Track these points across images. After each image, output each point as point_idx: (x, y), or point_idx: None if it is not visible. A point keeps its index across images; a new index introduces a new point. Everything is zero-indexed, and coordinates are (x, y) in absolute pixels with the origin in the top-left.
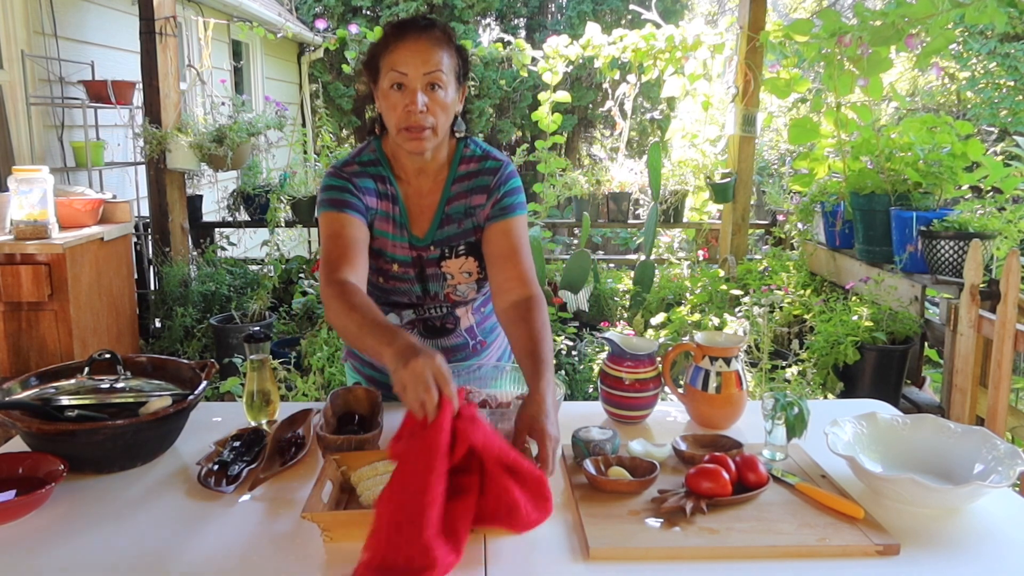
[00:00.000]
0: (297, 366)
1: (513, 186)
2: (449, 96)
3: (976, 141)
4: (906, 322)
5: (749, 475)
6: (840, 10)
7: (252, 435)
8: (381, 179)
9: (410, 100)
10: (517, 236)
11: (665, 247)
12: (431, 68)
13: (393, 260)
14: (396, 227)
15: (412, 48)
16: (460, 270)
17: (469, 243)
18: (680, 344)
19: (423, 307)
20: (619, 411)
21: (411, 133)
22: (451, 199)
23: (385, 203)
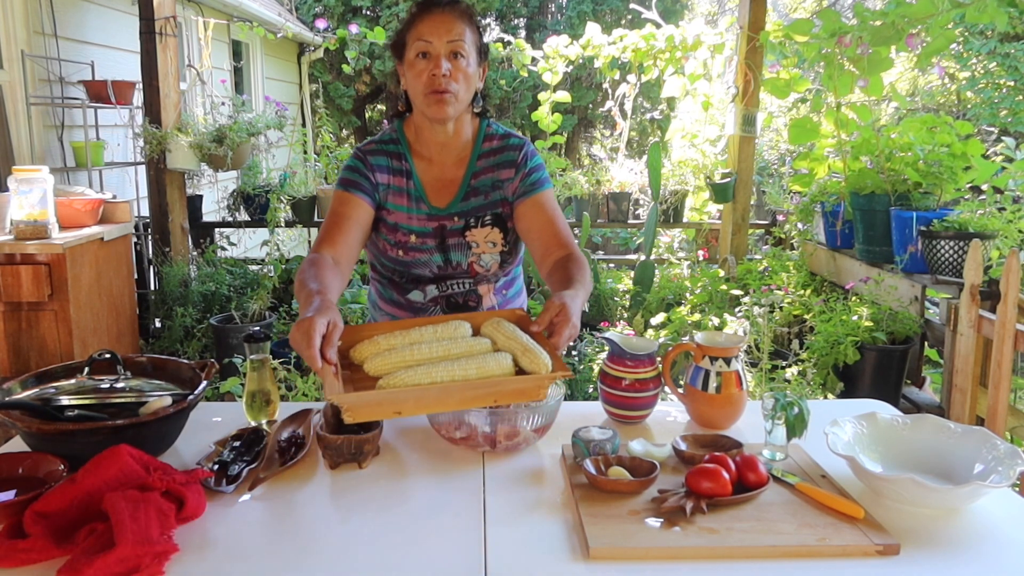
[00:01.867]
0: (297, 366)
1: (538, 162)
2: (471, 67)
3: (976, 141)
4: (906, 322)
5: (749, 475)
6: (840, 10)
7: (252, 435)
8: (396, 156)
9: (435, 65)
10: (551, 208)
11: (665, 247)
12: (454, 37)
13: (410, 231)
14: (411, 200)
15: (437, 19)
16: (485, 239)
17: (495, 214)
18: (680, 344)
19: (445, 282)
20: (619, 411)
21: (436, 96)
22: (477, 173)
23: (398, 178)
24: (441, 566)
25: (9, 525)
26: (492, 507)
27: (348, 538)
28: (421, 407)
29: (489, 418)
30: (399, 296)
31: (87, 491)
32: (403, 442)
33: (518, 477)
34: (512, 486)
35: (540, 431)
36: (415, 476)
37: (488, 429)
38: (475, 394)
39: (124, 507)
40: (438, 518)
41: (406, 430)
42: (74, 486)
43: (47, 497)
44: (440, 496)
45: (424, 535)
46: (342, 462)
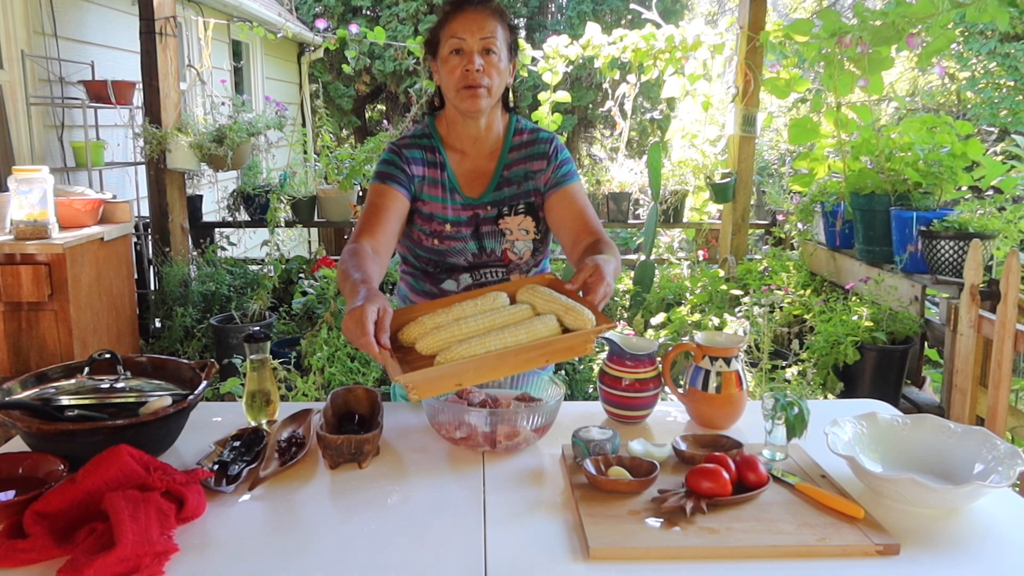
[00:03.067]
0: (297, 366)
1: (567, 156)
2: (503, 63)
3: (976, 141)
4: (906, 322)
5: (749, 475)
6: (840, 10)
7: (252, 435)
8: (429, 149)
9: (468, 61)
10: (581, 198)
11: (665, 247)
12: (487, 34)
13: (445, 220)
14: (445, 191)
15: (470, 17)
16: (519, 227)
17: (528, 203)
18: (680, 344)
19: (479, 271)
20: (619, 411)
21: (469, 91)
22: (509, 165)
23: (433, 170)
24: (441, 566)
25: (9, 525)
26: (492, 507)
27: (348, 538)
28: (481, 376)
29: (489, 418)
30: (432, 287)
31: (87, 491)
32: (403, 442)
33: (518, 477)
34: (512, 486)
35: (540, 431)
36: (415, 476)
37: (488, 429)
38: (528, 356)
39: (124, 507)
40: (438, 518)
41: (406, 430)
42: (74, 486)
43: (47, 497)
44: (440, 496)
45: (424, 535)
46: (342, 462)
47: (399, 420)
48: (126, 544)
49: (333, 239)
